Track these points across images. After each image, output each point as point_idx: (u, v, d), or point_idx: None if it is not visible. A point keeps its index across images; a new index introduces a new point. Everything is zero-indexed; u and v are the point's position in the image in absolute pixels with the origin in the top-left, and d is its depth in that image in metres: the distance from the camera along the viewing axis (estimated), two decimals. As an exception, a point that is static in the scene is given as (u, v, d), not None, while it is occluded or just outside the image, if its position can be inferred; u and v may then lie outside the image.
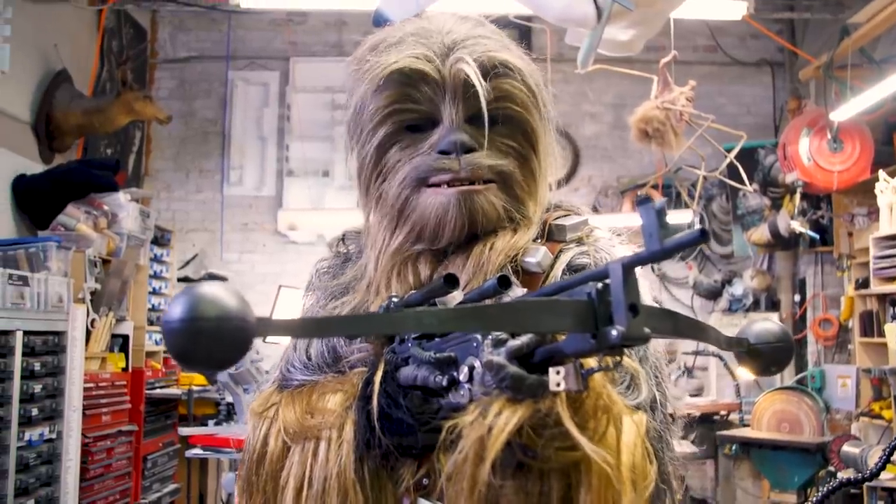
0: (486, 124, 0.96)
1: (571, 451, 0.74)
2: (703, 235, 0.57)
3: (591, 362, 0.68)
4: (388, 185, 1.00)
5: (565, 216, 1.07)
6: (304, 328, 0.64)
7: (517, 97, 0.99)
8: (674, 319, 0.67)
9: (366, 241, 1.07)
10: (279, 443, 0.93)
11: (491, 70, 0.97)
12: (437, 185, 0.97)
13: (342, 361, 1.00)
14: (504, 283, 0.77)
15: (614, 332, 0.60)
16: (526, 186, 1.01)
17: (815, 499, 2.23)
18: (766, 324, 0.80)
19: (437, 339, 0.81)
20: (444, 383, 0.77)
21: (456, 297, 0.82)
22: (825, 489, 2.17)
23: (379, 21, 3.09)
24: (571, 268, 1.00)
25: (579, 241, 1.04)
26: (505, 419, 0.70)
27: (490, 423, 0.70)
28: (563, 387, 0.67)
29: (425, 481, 0.91)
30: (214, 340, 0.53)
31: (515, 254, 0.98)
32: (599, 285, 0.63)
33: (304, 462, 0.90)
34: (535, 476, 0.76)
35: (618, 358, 0.65)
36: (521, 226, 1.00)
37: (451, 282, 0.80)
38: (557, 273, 0.99)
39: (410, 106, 0.98)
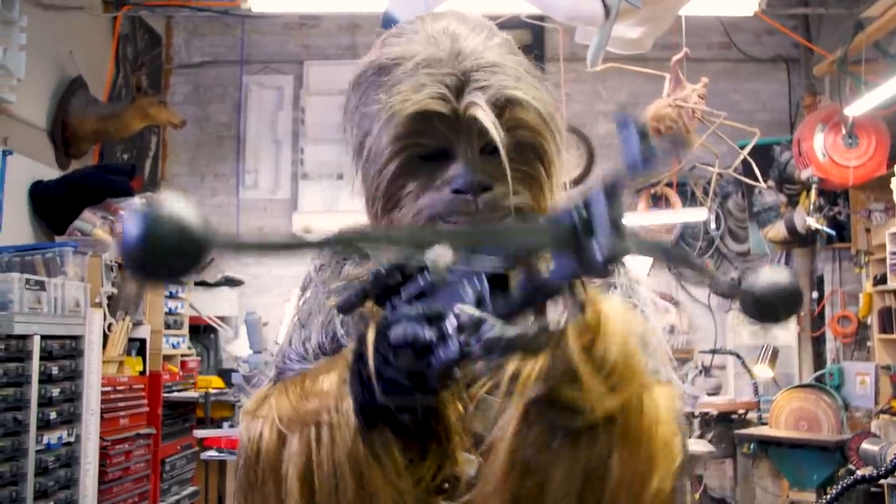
0: (509, 176, 0.94)
1: (608, 395, 0.76)
2: (676, 144, 0.58)
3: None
4: (401, 215, 0.98)
5: None
6: (272, 245, 0.64)
7: (530, 124, 0.98)
8: (664, 248, 0.67)
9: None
10: (274, 435, 0.89)
11: (507, 104, 0.96)
12: (454, 224, 0.96)
13: (342, 352, 0.98)
14: None
15: (597, 247, 0.60)
16: (540, 213, 1.01)
17: (830, 496, 2.21)
18: (774, 273, 0.77)
19: (427, 298, 0.79)
20: (434, 338, 0.75)
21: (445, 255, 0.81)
22: (840, 486, 2.15)
23: (388, 23, 3.10)
24: None
25: None
26: (525, 376, 0.71)
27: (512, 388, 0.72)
28: (564, 318, 0.67)
29: (446, 485, 0.90)
30: (172, 249, 0.54)
31: None
32: (581, 203, 0.62)
33: (305, 449, 0.87)
34: (578, 444, 0.77)
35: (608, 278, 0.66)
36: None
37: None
38: None
39: (423, 140, 0.96)
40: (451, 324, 0.73)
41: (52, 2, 4.44)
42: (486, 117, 0.93)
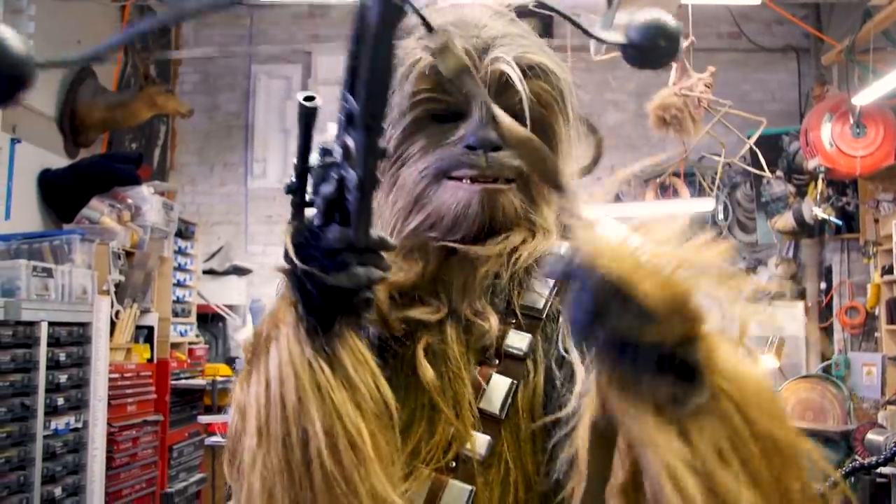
0: (528, 125, 0.94)
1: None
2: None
3: None
4: (408, 171, 0.99)
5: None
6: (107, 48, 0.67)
7: (544, 99, 0.99)
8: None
9: (377, 223, 1.05)
10: (239, 391, 0.87)
11: (525, 70, 0.96)
12: (460, 178, 0.97)
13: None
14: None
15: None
16: (543, 190, 1.01)
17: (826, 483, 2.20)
18: (652, 14, 0.77)
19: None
20: (335, 178, 0.78)
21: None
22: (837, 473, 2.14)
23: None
24: None
25: None
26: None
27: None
28: None
29: (454, 464, 0.91)
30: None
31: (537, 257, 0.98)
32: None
33: (259, 380, 0.84)
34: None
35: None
36: (540, 229, 1.00)
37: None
38: None
39: (441, 96, 0.97)
40: (337, 155, 0.77)
41: (61, -9, 4.47)
42: (512, 71, 0.94)
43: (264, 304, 4.49)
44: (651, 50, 0.80)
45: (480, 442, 0.93)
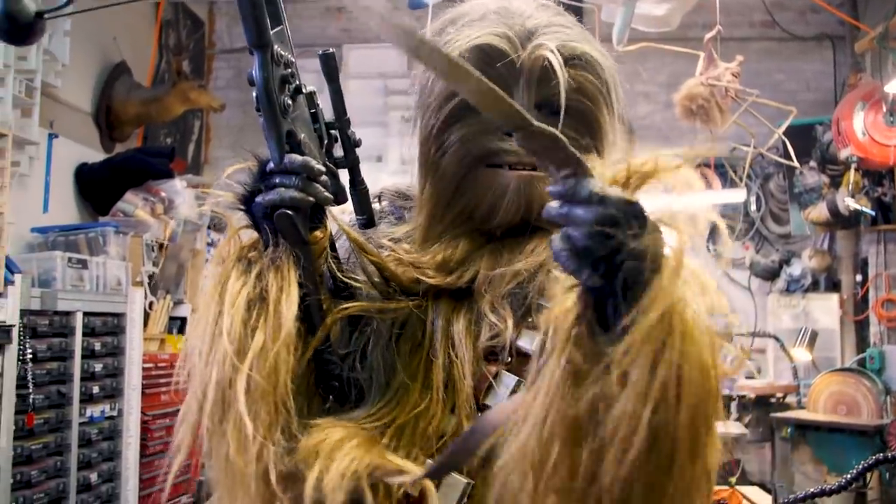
0: (562, 113, 0.94)
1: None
2: None
3: None
4: (448, 160, 0.99)
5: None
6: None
7: (588, 91, 0.98)
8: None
9: (416, 211, 1.05)
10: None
11: (569, 60, 0.95)
12: (498, 165, 0.97)
13: None
14: None
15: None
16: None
17: (850, 475, 2.21)
18: None
19: None
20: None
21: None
22: (859, 466, 2.15)
23: (415, 5, 3.13)
24: None
25: None
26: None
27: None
28: None
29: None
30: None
31: None
32: None
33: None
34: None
35: None
36: None
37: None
38: None
39: None
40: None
41: (96, -11, 4.55)
42: (554, 58, 0.93)
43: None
44: None
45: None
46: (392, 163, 6.16)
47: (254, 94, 0.84)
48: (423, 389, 0.93)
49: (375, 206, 1.12)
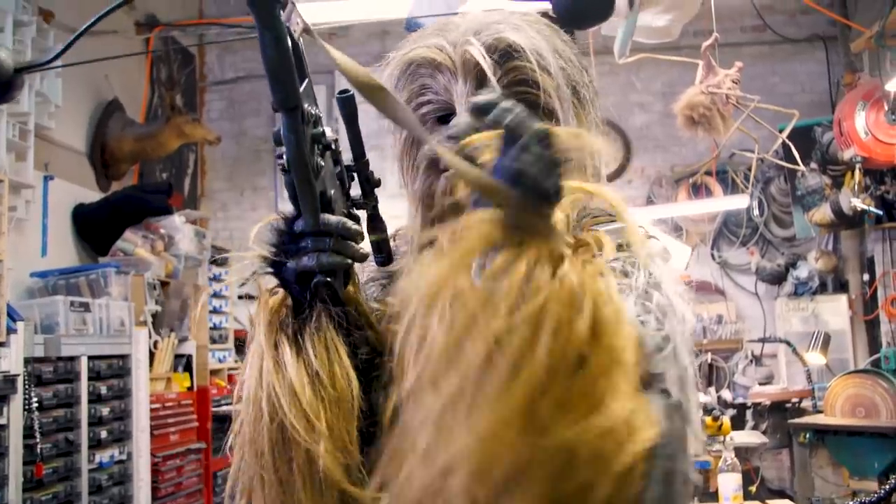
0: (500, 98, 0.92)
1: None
2: None
3: None
4: (418, 176, 0.99)
5: (604, 223, 0.93)
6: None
7: (533, 80, 0.93)
8: None
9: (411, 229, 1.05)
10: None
11: (502, 52, 0.92)
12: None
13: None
14: None
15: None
16: None
17: (891, 485, 2.14)
18: None
19: None
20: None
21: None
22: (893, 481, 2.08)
23: (411, 27, 3.09)
24: None
25: (619, 249, 0.90)
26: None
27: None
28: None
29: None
30: None
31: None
32: None
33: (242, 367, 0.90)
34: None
35: None
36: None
37: None
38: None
39: (431, 97, 0.95)
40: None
41: (85, 27, 4.52)
42: (475, 50, 0.91)
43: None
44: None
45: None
46: (390, 186, 6.05)
47: (283, 155, 0.79)
48: None
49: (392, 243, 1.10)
